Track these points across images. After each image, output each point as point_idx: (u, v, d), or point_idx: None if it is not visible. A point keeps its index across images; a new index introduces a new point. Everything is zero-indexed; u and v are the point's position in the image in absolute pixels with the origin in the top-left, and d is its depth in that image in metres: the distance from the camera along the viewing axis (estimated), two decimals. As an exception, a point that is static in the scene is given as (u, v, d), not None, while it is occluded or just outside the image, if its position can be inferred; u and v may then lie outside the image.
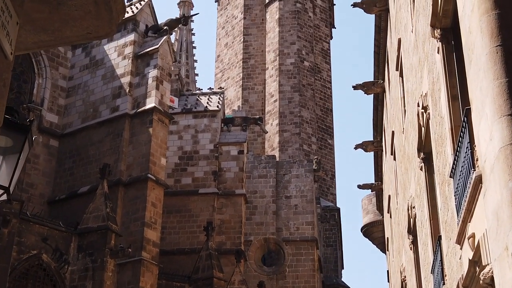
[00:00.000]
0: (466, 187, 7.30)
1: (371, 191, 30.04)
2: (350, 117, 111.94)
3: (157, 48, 25.27)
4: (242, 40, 48.96)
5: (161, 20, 27.12)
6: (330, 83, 49.31)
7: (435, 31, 9.40)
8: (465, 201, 7.31)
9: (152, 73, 24.95)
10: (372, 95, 23.62)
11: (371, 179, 34.41)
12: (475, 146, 6.91)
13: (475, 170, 6.81)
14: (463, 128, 7.37)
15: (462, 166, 7.49)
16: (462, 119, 7.40)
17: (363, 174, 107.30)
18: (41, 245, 20.48)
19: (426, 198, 11.65)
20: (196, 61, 58.22)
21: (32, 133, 4.79)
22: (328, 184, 45.81)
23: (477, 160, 6.84)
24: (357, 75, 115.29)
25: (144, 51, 25.62)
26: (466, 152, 7.22)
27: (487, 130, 6.23)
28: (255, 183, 34.79)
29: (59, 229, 21.18)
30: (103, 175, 22.10)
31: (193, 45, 58.55)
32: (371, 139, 25.67)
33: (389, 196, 23.14)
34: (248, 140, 35.81)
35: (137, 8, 26.78)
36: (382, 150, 24.96)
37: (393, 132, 19.21)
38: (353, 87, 22.84)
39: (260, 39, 48.71)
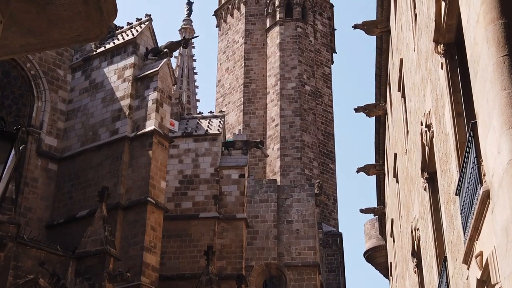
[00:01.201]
0: (473, 204, 7.11)
1: (374, 216, 29.79)
2: (352, 141, 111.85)
3: (157, 70, 25.17)
4: (243, 64, 48.99)
5: (161, 42, 27.09)
6: (332, 107, 49.24)
7: (439, 46, 9.26)
8: (472, 218, 7.11)
9: (152, 95, 24.83)
10: (374, 117, 23.53)
11: (373, 203, 34.19)
12: (482, 161, 6.73)
13: (482, 186, 6.61)
14: (469, 143, 7.19)
15: (469, 183, 7.30)
16: (468, 134, 7.21)
17: (365, 198, 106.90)
18: (38, 269, 20.17)
19: (430, 219, 11.43)
20: (197, 86, 58.30)
21: (19, 141, 4.53)
22: (330, 209, 45.49)
23: (484, 175, 6.65)
24: (358, 99, 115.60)
25: (144, 74, 25.51)
26: (473, 167, 7.03)
27: (495, 143, 6.05)
28: (256, 207, 34.51)
29: (57, 253, 20.87)
30: (102, 198, 21.86)
31: (194, 71, 58.71)
32: (373, 162, 25.54)
33: (392, 220, 22.93)
34: (249, 165, 35.61)
35: (137, 31, 26.74)
36: (385, 174, 24.82)
37: (395, 154, 19.07)
38: (354, 109, 22.76)
39: (261, 64, 48.75)
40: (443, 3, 8.67)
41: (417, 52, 12.09)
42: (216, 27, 54.00)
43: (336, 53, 53.59)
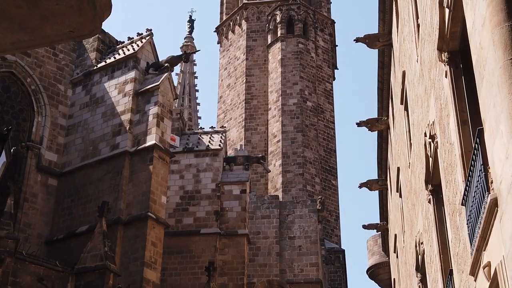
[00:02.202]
0: (480, 213, 6.96)
1: (377, 232, 29.59)
2: (354, 157, 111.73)
3: (158, 85, 25.06)
4: (244, 81, 48.95)
5: (162, 57, 26.99)
6: (333, 123, 49.11)
7: (443, 54, 9.15)
8: (479, 228, 6.95)
9: (153, 110, 24.70)
10: (376, 132, 23.42)
11: (376, 219, 33.92)
12: (489, 168, 6.58)
13: (489, 193, 6.44)
14: (475, 151, 7.04)
15: (475, 191, 7.15)
16: (474, 141, 7.06)
17: (368, 214, 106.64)
18: (37, 285, 19.92)
19: (435, 232, 11.28)
20: (198, 104, 58.31)
21: (10, 142, 4.35)
22: (333, 225, 45.22)
23: (491, 182, 6.49)
24: (360, 115, 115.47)
25: (144, 88, 25.41)
26: (480, 175, 6.87)
27: (503, 148, 5.90)
28: (258, 223, 34.28)
29: (56, 269, 20.63)
30: (102, 213, 21.66)
31: (196, 88, 58.71)
32: (376, 178, 25.40)
33: (395, 235, 22.75)
34: (251, 181, 35.42)
35: (138, 45, 26.68)
36: (387, 189, 24.70)
37: (398, 169, 18.97)
38: (357, 124, 22.66)
39: (262, 80, 48.72)
40: (447, 10, 8.56)
41: (420, 63, 12.01)
42: (218, 43, 54.06)
43: (337, 69, 53.64)
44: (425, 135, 11.36)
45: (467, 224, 7.81)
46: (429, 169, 11.34)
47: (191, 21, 60.96)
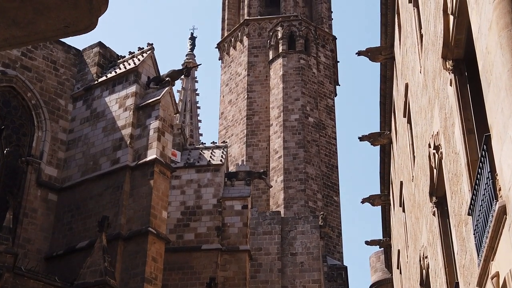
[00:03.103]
0: (487, 222, 6.81)
1: (379, 248, 29.38)
2: (356, 173, 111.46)
3: (159, 99, 24.93)
4: (246, 96, 48.87)
5: (163, 72, 26.85)
6: (335, 139, 48.97)
7: (447, 62, 9.05)
8: (486, 237, 6.80)
9: (154, 124, 24.55)
10: (379, 147, 23.32)
11: (378, 235, 33.71)
12: (496, 175, 6.45)
13: (497, 201, 6.28)
14: (482, 158, 6.91)
15: (483, 200, 7.00)
16: (481, 148, 6.89)
17: (371, 230, 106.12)
18: (36, 301, 19.69)
19: (440, 245, 11.15)
20: (200, 121, 58.26)
21: (2, 142, 4.20)
22: (335, 242, 44.92)
23: (499, 189, 6.35)
24: (361, 131, 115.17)
25: (145, 102, 25.27)
26: (487, 183, 6.73)
27: (511, 154, 5.73)
28: (260, 239, 34.03)
29: (55, 284, 20.40)
30: (102, 228, 21.45)
31: (197, 105, 58.67)
32: (378, 193, 25.27)
33: (399, 251, 22.58)
34: (253, 197, 35.21)
35: (139, 59, 26.58)
36: (390, 204, 24.55)
37: (401, 183, 18.85)
38: (359, 138, 22.56)
39: (264, 96, 48.64)
40: (451, 17, 8.46)
41: (424, 73, 11.93)
42: (219, 59, 54.07)
43: (339, 85, 53.60)
44: (429, 146, 11.25)
45: (474, 234, 7.68)
46: (434, 181, 11.24)
47: (192, 39, 61.08)
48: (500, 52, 5.99)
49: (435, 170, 10.98)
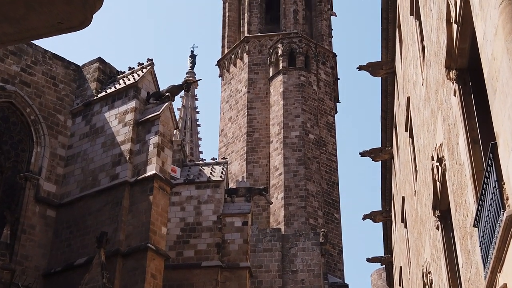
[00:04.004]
0: (494, 233, 6.63)
1: (381, 265, 29.14)
2: (357, 190, 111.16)
3: (159, 114, 24.79)
4: (246, 113, 48.78)
5: (163, 86, 26.78)
6: (336, 156, 48.80)
7: (451, 72, 8.90)
8: (493, 248, 6.61)
9: (153, 139, 24.39)
10: (380, 163, 23.18)
11: (380, 252, 33.44)
12: (504, 184, 6.27)
13: (505, 210, 6.11)
14: (488, 167, 6.73)
15: (489, 210, 6.82)
16: (488, 156, 6.73)
17: (372, 247, 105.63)
18: (33, 318, 19.42)
19: (444, 259, 10.96)
20: (200, 139, 58.20)
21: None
22: (336, 259, 44.58)
23: (507, 199, 6.18)
24: (362, 148, 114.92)
25: (145, 118, 25.13)
26: (494, 192, 6.55)
27: (519, 161, 5.58)
28: (260, 257, 33.77)
29: (53, 301, 20.13)
30: (100, 244, 21.22)
31: (198, 123, 58.62)
32: (379, 209, 25.08)
33: (401, 268, 22.35)
34: (253, 214, 34.96)
35: (138, 75, 26.48)
36: (391, 220, 24.35)
37: (403, 198, 18.70)
38: (360, 153, 22.45)
39: (264, 113, 48.55)
40: (455, 26, 8.34)
41: (426, 85, 11.81)
42: (219, 76, 54.04)
43: (339, 102, 53.54)
44: (432, 159, 11.09)
45: (480, 246, 7.49)
46: (437, 194, 11.07)
47: (192, 56, 61.18)
48: (506, 57, 5.85)
49: (438, 183, 10.82)
